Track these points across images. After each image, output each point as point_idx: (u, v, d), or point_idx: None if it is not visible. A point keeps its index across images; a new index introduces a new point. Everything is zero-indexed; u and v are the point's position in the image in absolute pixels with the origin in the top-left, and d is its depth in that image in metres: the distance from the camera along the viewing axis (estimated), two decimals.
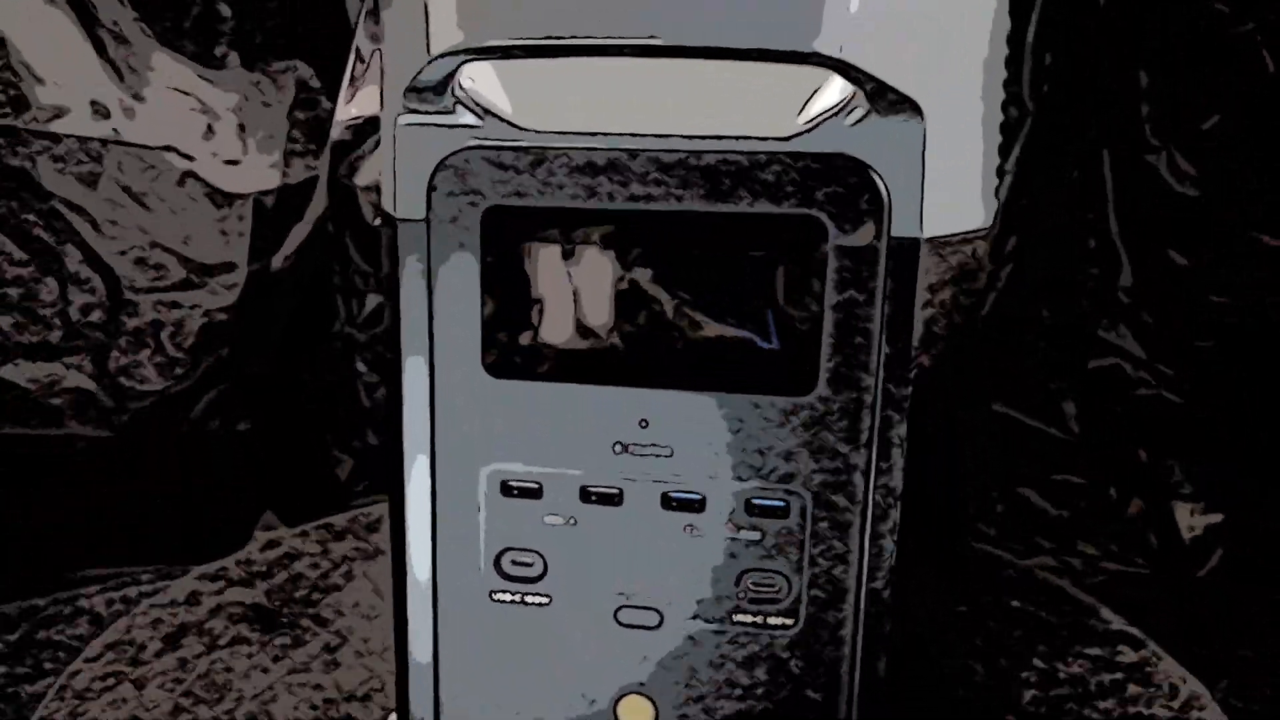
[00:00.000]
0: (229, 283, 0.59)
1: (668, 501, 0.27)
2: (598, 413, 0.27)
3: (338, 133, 0.58)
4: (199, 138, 0.58)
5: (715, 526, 0.27)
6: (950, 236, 0.26)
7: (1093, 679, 0.40)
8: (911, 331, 0.26)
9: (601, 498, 0.28)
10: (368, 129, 0.58)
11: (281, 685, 0.40)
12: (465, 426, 0.28)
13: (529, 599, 0.29)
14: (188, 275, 0.58)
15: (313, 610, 0.45)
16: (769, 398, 0.26)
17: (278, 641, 0.43)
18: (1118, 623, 0.44)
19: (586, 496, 0.28)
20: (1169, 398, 0.61)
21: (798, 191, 0.25)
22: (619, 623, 0.28)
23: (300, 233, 0.60)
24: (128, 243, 0.57)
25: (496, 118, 0.26)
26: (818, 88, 0.25)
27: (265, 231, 0.59)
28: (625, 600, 0.28)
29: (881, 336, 0.26)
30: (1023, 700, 0.38)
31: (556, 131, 0.26)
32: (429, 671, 0.30)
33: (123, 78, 0.57)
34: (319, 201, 0.60)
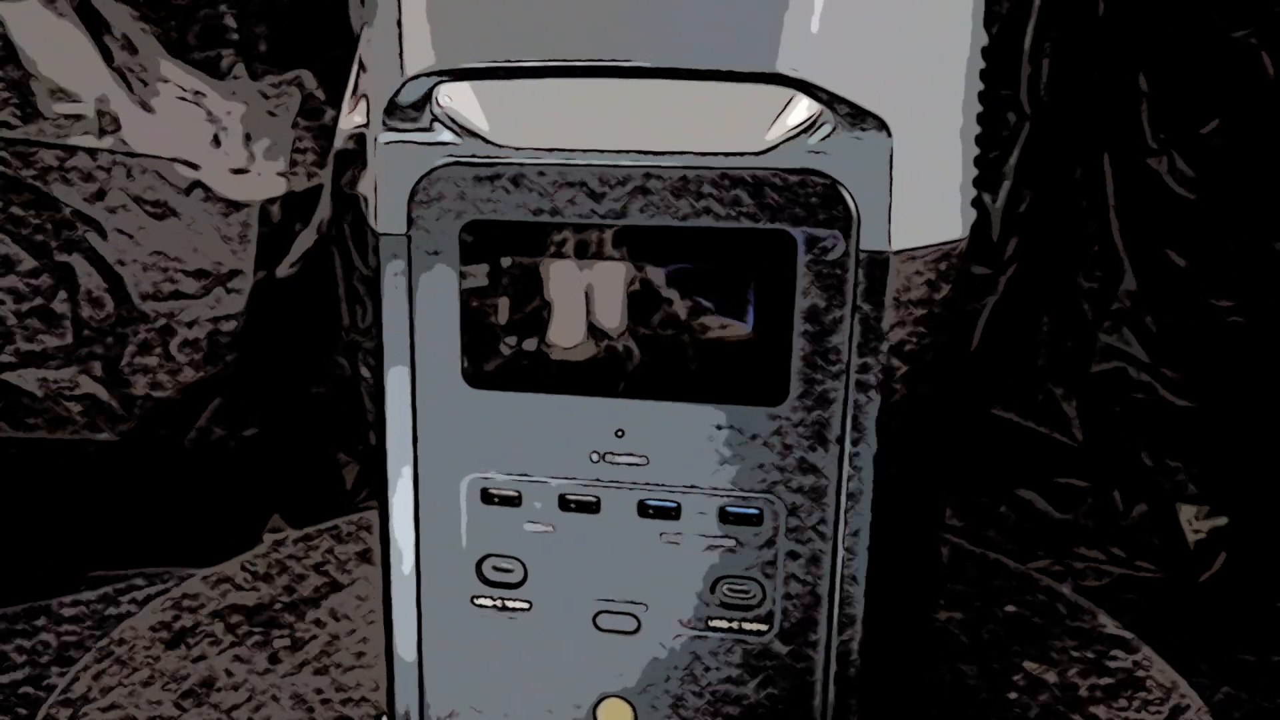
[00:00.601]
0: (235, 290, 0.60)
1: (644, 509, 0.28)
2: (575, 422, 0.28)
3: (341, 142, 0.59)
4: (206, 147, 0.59)
5: (691, 534, 0.28)
6: (923, 249, 0.26)
7: (1084, 683, 0.40)
8: (881, 343, 0.26)
9: (579, 506, 0.28)
10: None
11: (278, 687, 0.41)
12: (446, 436, 0.28)
13: (510, 604, 0.29)
14: (195, 283, 0.59)
15: (313, 613, 0.46)
16: (742, 408, 0.27)
17: (276, 644, 0.44)
18: (1112, 627, 0.44)
19: (565, 504, 0.28)
20: (1172, 400, 0.61)
21: (768, 207, 0.25)
22: (598, 628, 0.29)
23: (305, 240, 0.61)
24: (136, 251, 0.58)
25: (474, 135, 0.26)
26: (786, 105, 0.25)
27: (271, 239, 0.60)
28: (604, 606, 0.29)
29: (851, 348, 0.26)
30: (1012, 705, 0.38)
31: (532, 149, 0.26)
32: (414, 674, 0.30)
33: (131, 88, 0.58)
34: (324, 209, 0.61)
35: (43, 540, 0.57)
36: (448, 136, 0.27)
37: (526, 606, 0.29)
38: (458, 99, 0.26)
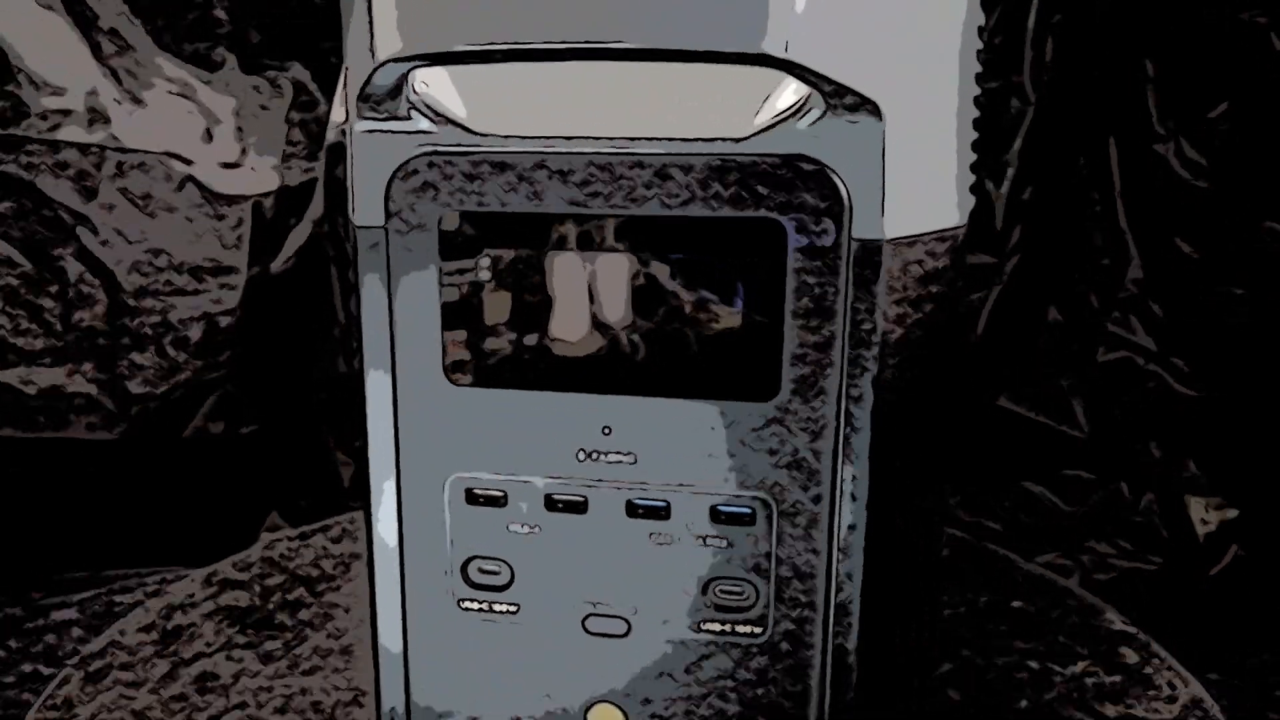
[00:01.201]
0: (229, 285, 0.59)
1: (633, 509, 0.27)
2: (560, 420, 0.27)
3: (334, 135, 0.59)
4: (198, 141, 0.58)
5: (681, 534, 0.27)
6: (918, 237, 0.25)
7: (1091, 681, 0.39)
8: (876, 334, 0.25)
9: (566, 506, 0.27)
10: None
11: (271, 689, 0.40)
12: (428, 435, 0.28)
13: (496, 607, 0.28)
14: (188, 279, 0.58)
15: (307, 613, 0.45)
16: (732, 403, 0.26)
17: (269, 645, 0.43)
18: (1120, 623, 0.43)
19: (551, 504, 0.27)
20: (1181, 390, 0.60)
21: (756, 194, 0.25)
22: (587, 631, 0.28)
23: (299, 235, 0.60)
24: (128, 247, 0.57)
25: (451, 123, 0.26)
26: (774, 89, 0.24)
27: (265, 234, 0.59)
28: (593, 609, 0.28)
29: (844, 340, 0.25)
30: (1019, 703, 0.37)
31: (512, 136, 0.25)
32: (400, 677, 0.30)
33: (121, 82, 0.57)
34: (317, 204, 0.60)
35: (36, 540, 0.57)
36: (425, 125, 0.26)
37: (513, 609, 0.28)
38: (434, 85, 0.25)
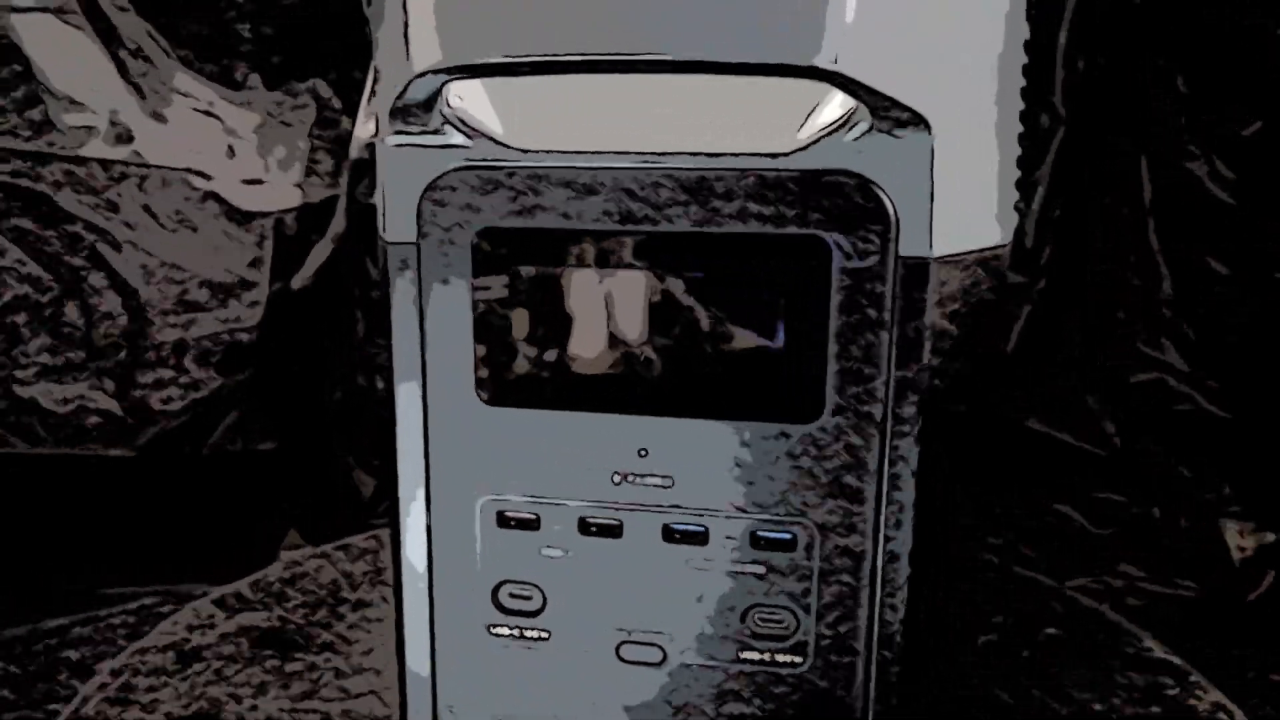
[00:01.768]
0: (251, 302, 0.59)
1: (669, 534, 0.26)
2: (596, 441, 0.26)
3: (357, 151, 0.58)
4: (220, 158, 0.58)
5: (719, 560, 0.26)
6: (964, 255, 0.25)
7: (1131, 711, 0.38)
8: (922, 355, 0.24)
9: (600, 529, 0.27)
10: None
11: (291, 712, 0.40)
12: (460, 455, 0.27)
13: (528, 633, 0.28)
14: (210, 295, 0.58)
15: (327, 634, 0.45)
16: (773, 425, 0.25)
17: (289, 666, 0.42)
18: (1159, 650, 0.42)
19: (585, 528, 0.27)
20: (1214, 412, 0.59)
21: (799, 211, 0.24)
22: (621, 659, 0.27)
23: (321, 252, 0.60)
24: (150, 264, 0.57)
25: (486, 137, 0.25)
26: (818, 102, 0.24)
27: (286, 251, 0.59)
28: (627, 636, 0.27)
29: (890, 361, 0.24)
30: None
31: (548, 151, 0.25)
32: (429, 704, 0.29)
33: (145, 99, 0.57)
34: (339, 221, 0.60)
35: (55, 556, 0.56)
36: (458, 139, 0.25)
37: (545, 636, 0.27)
38: (469, 99, 0.25)
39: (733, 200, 0.24)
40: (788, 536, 0.26)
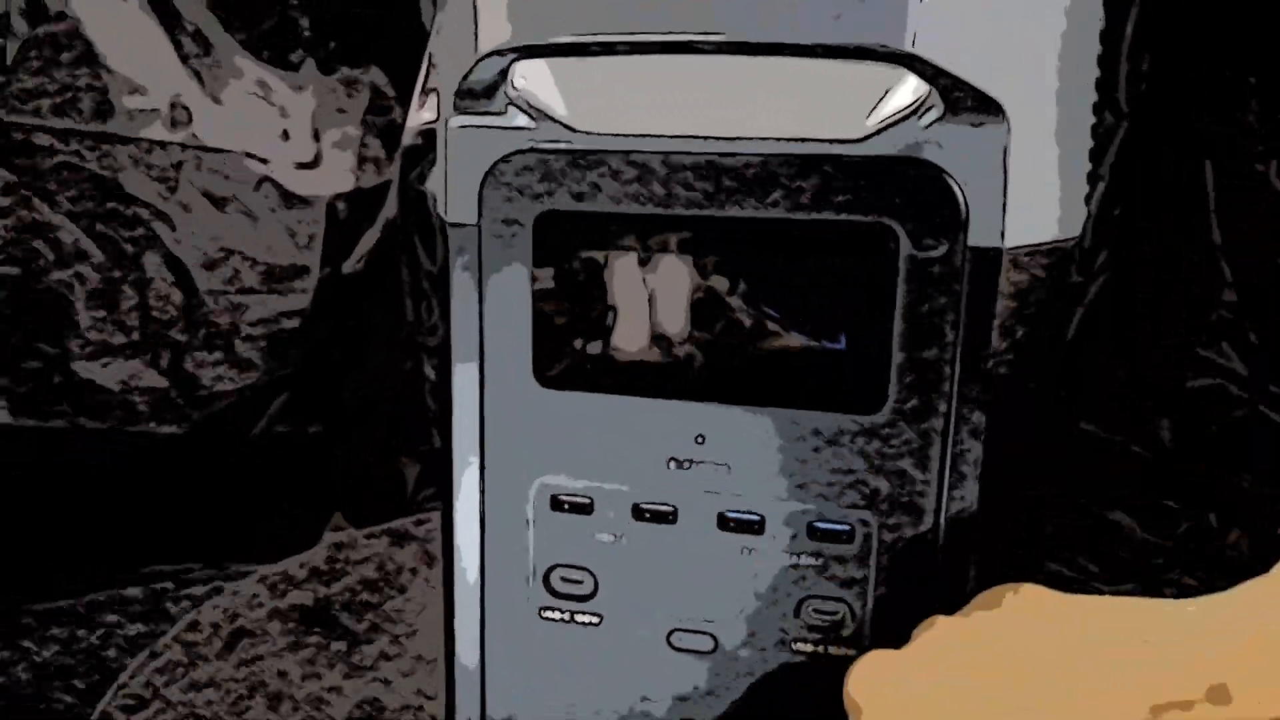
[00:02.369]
0: (301, 287, 0.59)
1: (724, 522, 0.26)
2: (652, 426, 0.26)
3: (409, 138, 0.58)
4: (275, 142, 0.58)
5: (774, 549, 0.26)
6: (1037, 247, 0.24)
7: None
8: (989, 348, 0.24)
9: (654, 515, 0.26)
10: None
11: (335, 691, 0.40)
12: (515, 438, 0.27)
13: (579, 618, 0.28)
14: (261, 279, 0.59)
15: (371, 616, 0.45)
16: (834, 415, 0.25)
17: (334, 646, 0.43)
18: None
19: (639, 514, 0.27)
20: (1275, 419, 0.57)
21: (868, 198, 0.24)
22: (672, 647, 0.27)
23: (372, 237, 0.60)
24: (204, 246, 0.57)
25: (550, 119, 0.25)
26: (889, 87, 0.23)
27: (337, 236, 0.59)
28: (679, 623, 0.27)
29: (956, 353, 0.24)
30: None
31: (613, 134, 0.25)
32: (477, 685, 0.29)
33: (203, 82, 0.58)
34: (390, 206, 0.60)
35: (104, 532, 0.57)
36: (522, 120, 0.25)
37: (596, 621, 0.27)
38: (534, 80, 0.25)
39: (799, 187, 0.24)
40: (845, 528, 0.25)
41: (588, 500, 0.27)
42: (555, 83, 0.25)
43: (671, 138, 0.24)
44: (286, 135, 0.58)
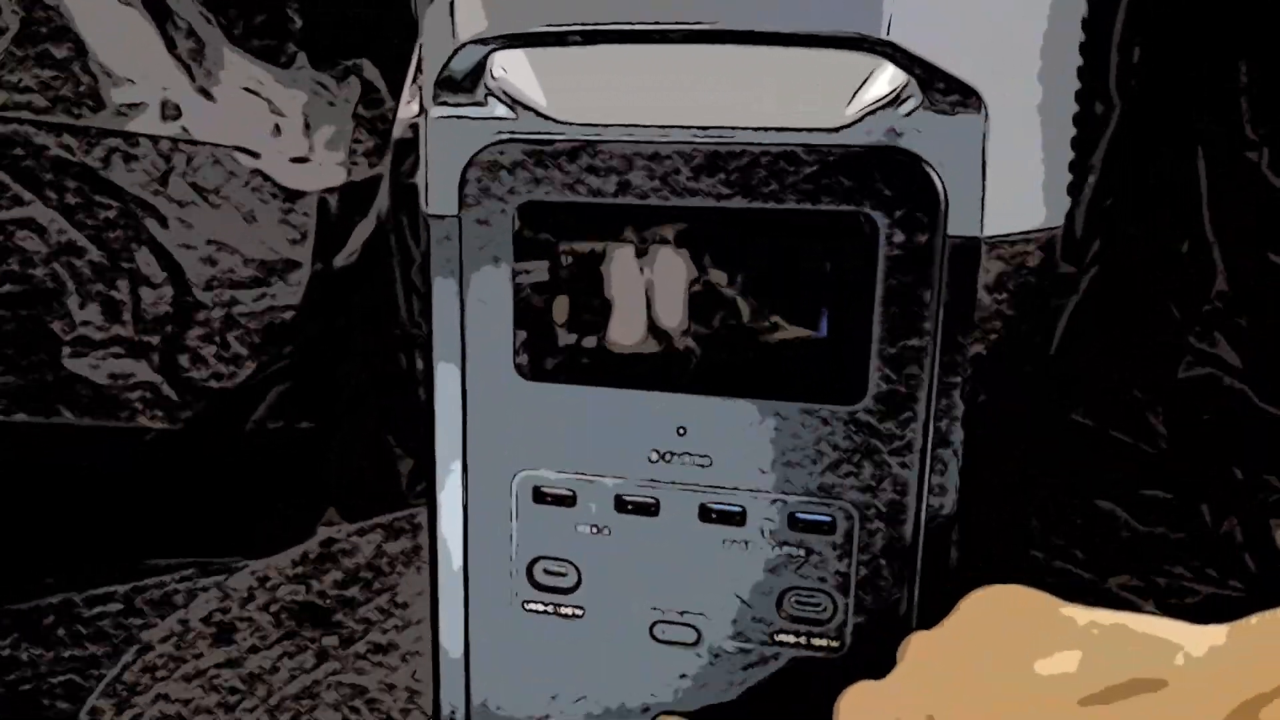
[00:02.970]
0: (293, 281, 0.59)
1: (706, 513, 0.26)
2: (634, 419, 0.26)
3: (400, 130, 0.58)
4: (267, 136, 0.58)
5: (756, 541, 0.26)
6: (1016, 236, 0.24)
7: None
8: (969, 338, 0.24)
9: (637, 507, 0.26)
10: None
11: (325, 684, 0.40)
12: (497, 430, 0.27)
13: (562, 610, 0.28)
14: (253, 273, 0.59)
15: (362, 609, 0.45)
16: (815, 405, 0.25)
17: (325, 640, 0.43)
18: None
19: (621, 506, 0.27)
20: (1267, 410, 0.57)
21: (846, 187, 0.23)
22: (655, 638, 0.27)
23: (364, 231, 0.60)
24: (196, 240, 0.57)
25: (530, 110, 0.25)
26: (867, 76, 0.23)
27: (329, 230, 0.59)
28: (661, 615, 0.27)
29: (936, 342, 0.24)
30: None
31: (593, 124, 0.25)
32: (461, 677, 0.29)
33: (193, 76, 0.57)
34: (382, 200, 0.60)
35: (95, 528, 0.57)
36: (502, 111, 0.25)
37: (579, 613, 0.27)
38: (513, 71, 0.25)
39: (778, 176, 0.24)
40: (827, 519, 0.25)
41: (570, 493, 0.27)
42: (534, 73, 0.25)
43: (651, 127, 0.24)
44: (278, 130, 0.58)
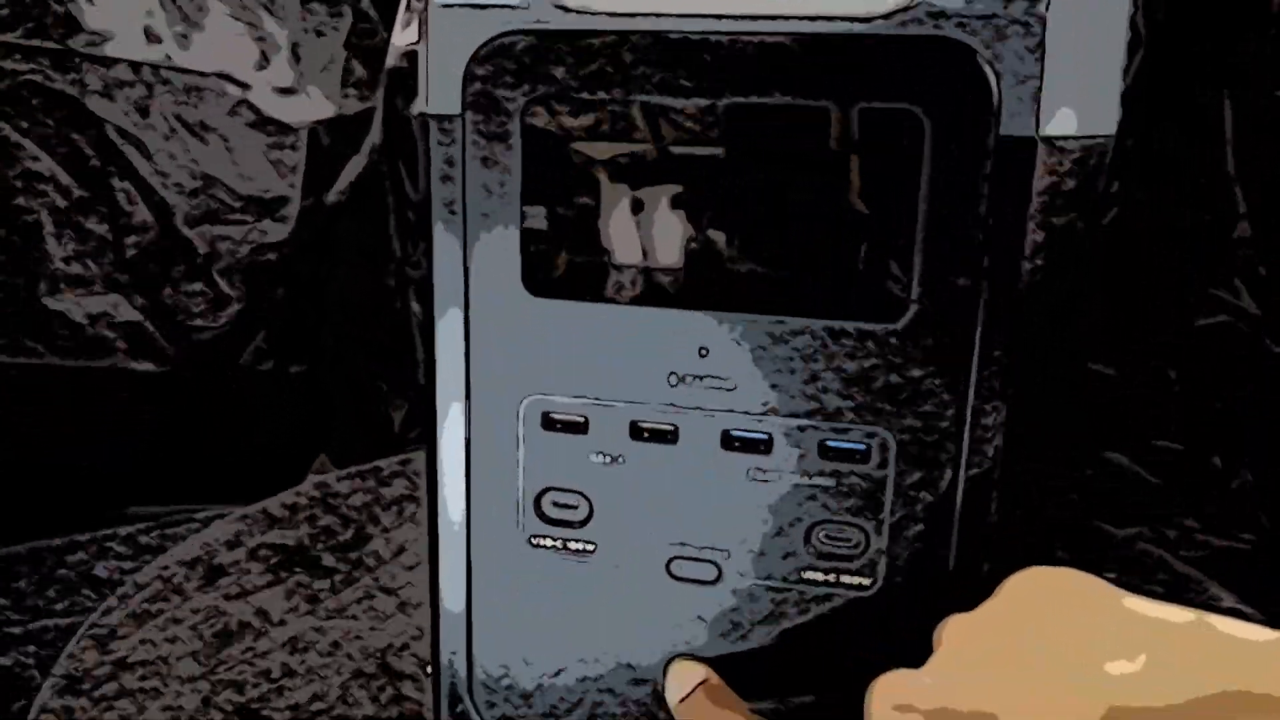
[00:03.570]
0: (282, 216, 0.57)
1: (728, 441, 0.24)
2: (651, 339, 0.24)
3: (394, 59, 0.56)
4: (253, 66, 0.56)
5: (783, 471, 0.24)
6: (1073, 139, 0.22)
7: None
8: (1022, 248, 0.22)
9: (654, 435, 0.24)
10: None
11: (316, 632, 0.38)
12: (503, 352, 0.25)
13: (572, 545, 0.26)
14: (240, 209, 0.56)
15: (354, 555, 0.43)
16: (850, 323, 0.23)
17: (317, 586, 0.41)
18: (1229, 600, 0.40)
19: (637, 433, 0.25)
20: None
21: (891, 81, 0.21)
22: (672, 576, 0.25)
23: (356, 166, 0.58)
24: (180, 173, 0.55)
25: None
26: None
27: (320, 164, 0.57)
28: (679, 551, 0.25)
29: (985, 253, 0.22)
30: None
31: (611, 13, 0.22)
32: (462, 620, 0.27)
33: (178, 4, 0.55)
34: (375, 134, 0.58)
35: (79, 472, 0.55)
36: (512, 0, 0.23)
37: (590, 549, 0.26)
38: None
39: (814, 70, 0.22)
40: (860, 447, 0.23)
41: (582, 419, 0.25)
42: None
43: (674, 16, 0.22)
44: (266, 59, 0.56)
